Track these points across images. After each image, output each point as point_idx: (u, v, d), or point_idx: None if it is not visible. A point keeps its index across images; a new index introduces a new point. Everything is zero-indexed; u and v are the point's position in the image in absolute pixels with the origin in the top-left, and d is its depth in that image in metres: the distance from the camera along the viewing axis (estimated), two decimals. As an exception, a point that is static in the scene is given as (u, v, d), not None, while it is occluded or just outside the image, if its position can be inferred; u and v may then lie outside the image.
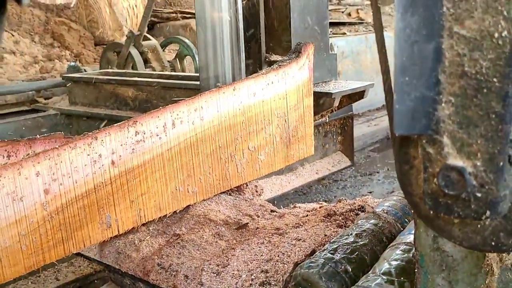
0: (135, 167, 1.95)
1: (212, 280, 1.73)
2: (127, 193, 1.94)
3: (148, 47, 5.86)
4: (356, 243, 1.64)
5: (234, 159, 2.29)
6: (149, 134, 1.97)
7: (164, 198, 2.07)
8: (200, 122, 2.12)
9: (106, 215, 1.89)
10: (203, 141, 2.16)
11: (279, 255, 1.79)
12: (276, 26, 3.42)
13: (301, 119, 2.62)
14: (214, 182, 2.24)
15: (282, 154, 2.54)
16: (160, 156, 2.02)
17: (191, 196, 2.17)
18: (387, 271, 1.45)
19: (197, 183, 2.18)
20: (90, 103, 4.94)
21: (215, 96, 2.16)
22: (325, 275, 1.51)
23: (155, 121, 1.98)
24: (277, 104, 2.45)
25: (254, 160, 2.39)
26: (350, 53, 8.08)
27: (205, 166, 2.19)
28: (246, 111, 2.30)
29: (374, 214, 1.78)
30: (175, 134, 2.05)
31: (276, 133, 2.47)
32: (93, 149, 1.82)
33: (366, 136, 7.25)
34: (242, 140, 2.32)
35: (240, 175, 2.34)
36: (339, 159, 4.64)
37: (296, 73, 2.51)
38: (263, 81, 2.35)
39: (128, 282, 1.91)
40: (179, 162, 2.09)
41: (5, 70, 6.04)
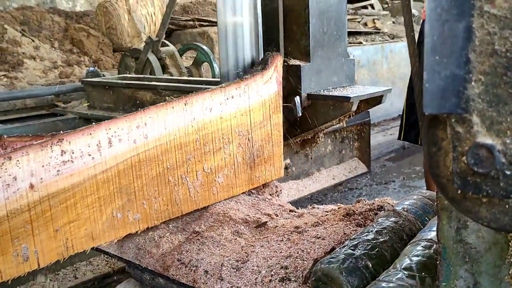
0: (60, 191, 1.72)
1: (232, 275, 1.74)
2: (50, 221, 1.70)
3: (166, 53, 5.91)
4: (377, 240, 1.64)
5: (185, 182, 2.07)
6: (79, 154, 1.74)
7: (98, 226, 1.84)
8: (143, 141, 1.89)
9: (22, 247, 1.65)
10: (148, 161, 1.93)
11: (298, 252, 1.80)
12: (295, 30, 3.44)
13: (268, 137, 2.39)
14: (160, 207, 2.01)
15: (245, 176, 2.30)
16: (93, 179, 1.79)
17: (132, 224, 1.94)
18: (408, 266, 1.45)
19: (139, 208, 1.94)
20: (108, 107, 4.99)
21: (162, 112, 1.94)
22: (346, 270, 1.51)
23: (87, 139, 1.76)
24: (239, 121, 2.21)
25: (210, 183, 2.16)
26: (366, 63, 8.09)
27: (149, 190, 1.96)
28: (200, 129, 2.06)
29: (394, 212, 1.78)
30: (112, 154, 1.82)
31: (237, 153, 2.24)
32: (5, 170, 1.58)
33: (382, 146, 7.24)
34: (195, 160, 2.08)
35: (192, 199, 2.11)
36: (356, 165, 4.63)
37: (261, 87, 2.29)
38: (221, 95, 2.12)
39: (148, 278, 1.92)
40: (117, 185, 1.86)
41: (25, 74, 6.13)
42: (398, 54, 8.59)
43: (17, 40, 6.58)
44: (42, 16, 7.18)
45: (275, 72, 2.40)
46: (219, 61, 3.26)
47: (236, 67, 3.16)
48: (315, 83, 3.49)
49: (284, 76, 3.47)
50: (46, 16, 7.22)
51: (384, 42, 8.87)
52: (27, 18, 7.00)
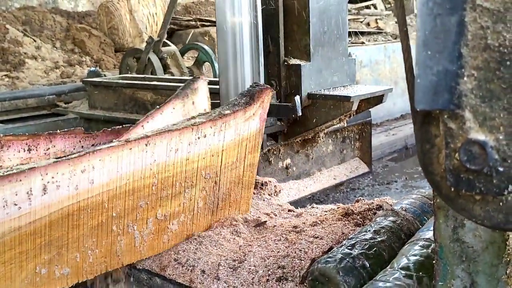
0: None
1: (229, 275, 1.73)
2: None
3: (167, 53, 5.91)
4: (374, 239, 1.62)
5: (131, 231, 1.79)
6: (2, 204, 1.46)
7: (15, 284, 1.55)
8: (88, 186, 1.62)
9: None
10: (89, 209, 1.65)
11: (296, 252, 1.79)
12: (295, 30, 3.43)
13: (238, 179, 2.10)
14: (96, 260, 1.73)
15: (204, 222, 2.03)
16: (16, 231, 1.50)
17: (58, 279, 1.65)
18: (405, 266, 1.44)
19: (70, 262, 1.67)
20: (109, 107, 4.99)
21: (116, 154, 1.66)
22: (343, 269, 1.50)
23: (15, 187, 1.47)
24: (207, 163, 1.93)
25: (161, 231, 1.89)
26: (368, 63, 8.08)
27: (86, 241, 1.68)
28: (160, 172, 1.79)
29: (392, 211, 1.77)
30: (44, 203, 1.54)
31: (199, 197, 1.96)
32: None
33: (384, 146, 7.22)
34: (148, 207, 1.81)
35: (137, 249, 1.85)
36: (357, 165, 4.61)
37: (241, 125, 2.00)
38: (192, 134, 1.84)
39: (145, 277, 1.91)
40: (47, 238, 1.58)
41: (27, 74, 6.14)
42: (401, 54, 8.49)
43: (19, 40, 6.59)
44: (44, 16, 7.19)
45: (260, 108, 2.05)
46: (218, 60, 3.26)
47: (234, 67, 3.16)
48: (315, 82, 3.48)
49: (284, 75, 3.47)
50: (48, 16, 7.23)
51: (387, 42, 8.85)
52: (29, 18, 7.02)
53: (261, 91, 2.04)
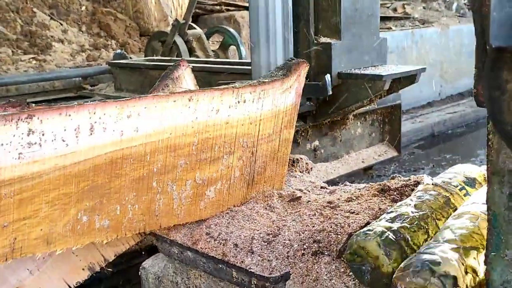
0: (16, 179, 1.39)
1: (263, 249, 1.69)
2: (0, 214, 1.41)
3: (193, 36, 5.87)
4: (415, 213, 1.56)
5: (171, 191, 1.76)
6: (51, 137, 1.42)
7: (57, 228, 1.52)
8: (132, 134, 1.58)
9: None
10: (132, 159, 1.61)
11: (332, 226, 1.73)
12: (325, 7, 3.35)
13: (274, 154, 2.06)
14: (135, 216, 1.70)
15: (240, 193, 1.98)
16: (61, 170, 1.46)
17: (98, 231, 1.62)
18: (451, 238, 1.37)
19: (110, 214, 1.63)
20: (135, 89, 4.98)
21: (161, 104, 1.63)
22: (384, 242, 1.44)
23: (63, 121, 1.43)
24: (246, 130, 1.89)
25: (198, 196, 1.84)
26: (395, 48, 7.93)
27: (127, 194, 1.65)
28: (200, 132, 1.75)
29: (434, 185, 1.70)
30: (90, 144, 1.50)
31: (236, 166, 1.92)
32: None
33: (411, 133, 7.10)
34: (187, 167, 1.76)
35: (175, 212, 1.81)
36: (386, 149, 4.53)
37: (278, 96, 1.96)
38: (233, 97, 1.80)
39: (176, 251, 1.88)
40: (90, 183, 1.54)
41: (54, 57, 6.15)
42: (429, 40, 8.39)
43: (46, 24, 6.60)
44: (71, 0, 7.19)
45: (297, 82, 2.03)
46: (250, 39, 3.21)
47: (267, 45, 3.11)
48: (346, 61, 3.40)
49: (314, 54, 3.40)
50: (74, 0, 7.23)
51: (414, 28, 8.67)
52: (56, 1, 7.03)
53: (298, 64, 2.02)
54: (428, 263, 1.28)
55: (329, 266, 1.59)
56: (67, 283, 1.81)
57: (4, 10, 6.40)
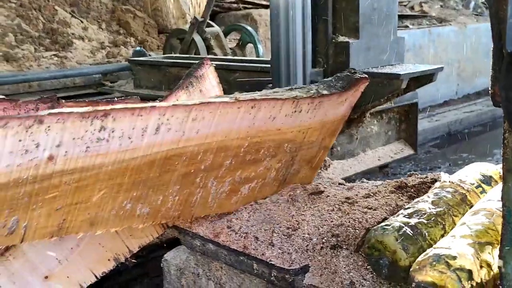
0: (78, 170, 1.46)
1: (283, 242, 1.74)
2: (55, 198, 1.48)
3: (211, 33, 5.93)
4: (432, 209, 1.60)
5: (211, 186, 1.82)
6: (119, 134, 1.48)
7: (102, 213, 1.61)
8: (192, 135, 1.64)
9: (13, 219, 1.44)
10: (185, 158, 1.67)
11: (350, 221, 1.78)
12: (344, 7, 3.39)
13: (311, 159, 2.11)
14: (173, 206, 1.78)
15: (269, 191, 2.04)
16: (120, 164, 1.54)
17: (136, 218, 1.71)
18: (467, 234, 1.42)
19: (152, 203, 1.71)
20: (154, 85, 5.05)
21: (226, 110, 1.67)
22: (401, 237, 1.49)
23: (134, 120, 1.50)
24: (292, 137, 1.93)
25: (233, 192, 1.90)
26: (412, 47, 7.91)
27: (172, 187, 1.72)
28: (253, 136, 1.80)
29: (450, 183, 1.74)
30: (153, 142, 1.57)
31: (274, 168, 1.97)
32: (30, 135, 1.35)
33: (427, 132, 7.10)
34: (231, 167, 1.82)
35: (208, 205, 1.88)
36: (402, 147, 4.56)
37: (332, 108, 1.98)
38: (291, 107, 1.84)
39: (198, 244, 1.94)
40: (142, 176, 1.62)
41: (74, 54, 6.26)
42: (446, 39, 8.36)
43: (67, 21, 6.72)
44: (91, -2, 7.31)
45: (352, 97, 2.04)
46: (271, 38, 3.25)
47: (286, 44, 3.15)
48: (363, 60, 3.43)
49: (332, 53, 3.44)
50: (95, -2, 7.35)
51: (431, 26, 8.64)
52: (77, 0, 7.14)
53: (359, 80, 2.02)
54: (444, 257, 1.32)
55: (347, 259, 1.64)
56: (93, 273, 1.88)
57: (27, 8, 6.52)
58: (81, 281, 1.85)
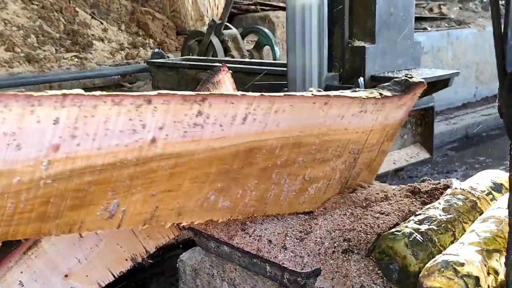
0: (174, 155, 1.50)
1: (296, 245, 1.78)
2: (152, 183, 1.51)
3: (228, 36, 5.98)
4: (443, 216, 1.63)
5: (284, 184, 1.86)
6: (213, 121, 1.52)
7: (190, 203, 1.65)
8: (273, 128, 1.67)
9: (114, 202, 1.46)
10: (265, 151, 1.71)
11: (362, 226, 1.82)
12: (360, 11, 3.41)
13: (370, 163, 2.16)
14: (249, 201, 1.82)
15: (331, 193, 2.09)
16: (211, 152, 1.57)
17: (218, 211, 1.76)
18: (475, 241, 1.44)
19: (232, 197, 1.75)
20: (172, 87, 5.12)
21: (303, 104, 1.71)
22: (411, 243, 1.52)
23: (227, 108, 1.53)
24: (357, 138, 1.99)
25: (302, 191, 1.95)
26: (430, 49, 7.88)
27: (251, 181, 1.76)
28: (323, 134, 1.84)
29: (461, 190, 1.77)
30: (239, 132, 1.60)
31: (338, 169, 2.02)
32: (139, 114, 1.36)
33: (444, 135, 7.06)
34: (303, 164, 1.86)
35: (280, 203, 1.92)
36: (418, 151, 4.56)
37: (392, 111, 2.04)
38: (358, 106, 1.89)
39: (213, 245, 1.99)
40: (227, 167, 1.65)
41: (94, 55, 6.36)
42: (465, 41, 8.30)
43: (87, 23, 6.83)
44: (111, 0, 7.41)
45: (410, 100, 2.09)
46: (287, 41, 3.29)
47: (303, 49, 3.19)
48: (379, 64, 3.46)
49: (348, 57, 3.47)
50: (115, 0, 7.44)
51: (450, 28, 8.59)
52: (97, 1, 7.25)
53: (417, 84, 2.07)
54: (453, 264, 1.35)
55: (358, 264, 1.67)
56: (111, 272, 1.94)
57: (48, 9, 6.64)
58: (99, 280, 1.91)
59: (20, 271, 1.76)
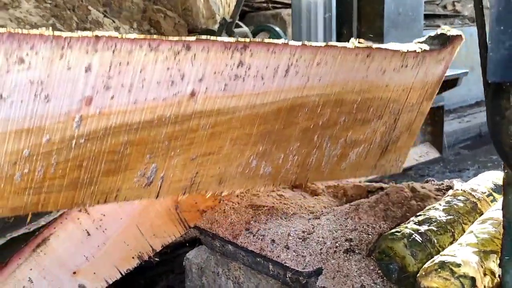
0: (215, 112, 1.37)
1: (298, 245, 1.81)
2: (192, 144, 1.37)
3: (239, 34, 6.01)
4: (443, 217, 1.65)
5: (325, 147, 1.74)
6: (254, 73, 1.38)
7: (231, 168, 1.53)
8: (315, 82, 1.53)
9: (152, 166, 1.33)
10: (306, 109, 1.58)
11: (363, 227, 1.84)
12: (369, 11, 3.43)
13: (409, 125, 2.05)
14: (291, 168, 1.71)
15: (373, 160, 1.98)
16: (252, 109, 1.44)
17: (260, 178, 1.64)
18: (473, 242, 1.46)
19: (274, 162, 1.64)
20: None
21: (346, 57, 1.57)
22: (410, 244, 1.54)
23: (268, 58, 1.39)
24: (397, 96, 1.86)
25: (344, 157, 1.84)
26: (443, 47, 7.83)
27: (293, 144, 1.64)
28: (365, 90, 1.71)
29: (462, 191, 1.78)
30: (280, 86, 1.46)
31: (379, 132, 1.90)
32: (177, 63, 1.23)
33: (457, 133, 7.02)
34: (344, 126, 1.74)
35: (321, 170, 1.82)
36: (427, 150, 4.57)
37: (431, 66, 1.93)
38: (399, 60, 1.76)
39: (218, 244, 2.03)
40: (268, 127, 1.52)
41: (107, 54, 6.43)
42: (478, 39, 8.24)
43: (99, 21, 6.89)
44: (123, -3, 7.47)
45: (450, 55, 1.98)
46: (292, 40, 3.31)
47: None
48: (387, 64, 3.47)
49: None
50: (127, -2, 7.51)
51: (464, 26, 8.53)
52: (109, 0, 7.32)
53: (455, 38, 1.97)
54: (449, 265, 1.37)
55: (359, 263, 1.70)
56: (118, 270, 1.99)
57: (61, 8, 6.72)
58: (107, 277, 1.95)
59: (29, 268, 1.81)
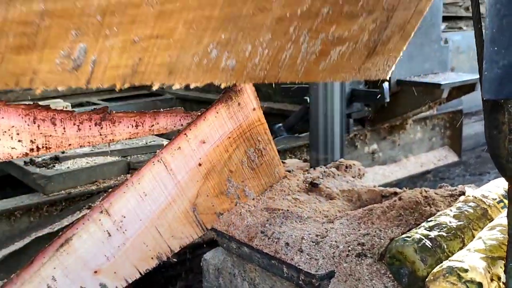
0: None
1: (311, 248, 1.86)
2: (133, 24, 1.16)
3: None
4: (453, 223, 1.68)
5: (303, 42, 1.55)
6: None
7: (184, 57, 1.31)
8: None
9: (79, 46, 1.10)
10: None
11: (376, 231, 1.88)
12: (387, 16, 3.45)
13: (403, 25, 1.83)
14: (260, 63, 1.50)
15: (357, 63, 1.78)
16: None
17: (220, 73, 1.42)
18: (481, 248, 1.50)
19: (239, 54, 1.43)
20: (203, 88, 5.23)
21: None
22: (420, 249, 1.58)
23: None
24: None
25: (323, 55, 1.63)
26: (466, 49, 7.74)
27: (263, 34, 1.43)
28: None
29: (473, 197, 1.81)
30: None
31: (368, 29, 1.70)
32: None
33: (479, 136, 6.96)
34: (327, 18, 1.53)
35: (296, 68, 1.61)
36: (446, 153, 4.57)
37: None
38: None
39: (234, 246, 2.08)
40: (235, 10, 1.31)
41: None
42: (501, 40, 8.15)
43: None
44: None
45: None
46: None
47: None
48: (406, 69, 3.49)
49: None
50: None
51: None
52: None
53: None
54: (457, 270, 1.41)
55: (371, 267, 1.74)
56: (138, 270, 2.06)
57: None
58: (127, 276, 2.03)
59: (53, 266, 1.89)
